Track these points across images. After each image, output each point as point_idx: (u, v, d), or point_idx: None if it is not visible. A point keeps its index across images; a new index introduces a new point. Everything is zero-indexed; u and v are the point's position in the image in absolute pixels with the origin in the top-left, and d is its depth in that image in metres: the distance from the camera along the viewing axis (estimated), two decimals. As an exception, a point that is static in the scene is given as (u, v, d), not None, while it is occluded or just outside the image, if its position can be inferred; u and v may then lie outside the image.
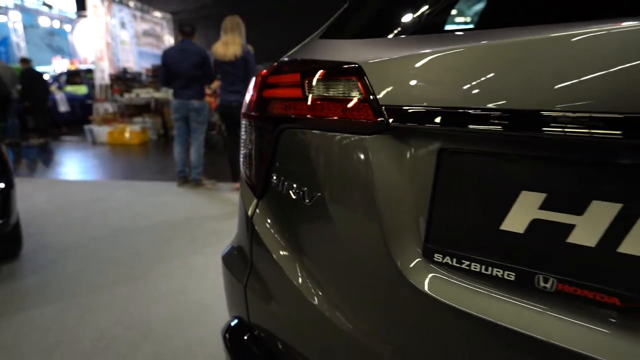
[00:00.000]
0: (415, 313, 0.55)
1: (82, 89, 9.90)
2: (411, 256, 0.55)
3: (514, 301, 0.47)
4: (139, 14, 10.41)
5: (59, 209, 3.49)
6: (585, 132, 0.40)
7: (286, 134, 0.71)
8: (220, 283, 0.99)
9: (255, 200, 0.83)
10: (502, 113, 0.45)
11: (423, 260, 0.55)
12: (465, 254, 0.51)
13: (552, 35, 0.43)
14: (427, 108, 0.51)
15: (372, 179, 0.57)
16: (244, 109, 0.84)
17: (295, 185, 0.70)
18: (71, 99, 9.30)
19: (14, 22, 10.58)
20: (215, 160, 5.24)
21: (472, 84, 0.48)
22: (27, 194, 3.71)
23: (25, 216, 2.78)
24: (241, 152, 0.89)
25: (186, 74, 3.82)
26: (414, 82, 0.53)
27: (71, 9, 12.31)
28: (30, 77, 7.29)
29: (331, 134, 0.62)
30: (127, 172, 5.28)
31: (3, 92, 6.42)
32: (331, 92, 0.62)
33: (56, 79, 10.11)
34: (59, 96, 8.89)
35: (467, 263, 0.51)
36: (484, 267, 0.50)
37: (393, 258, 0.55)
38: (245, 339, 0.87)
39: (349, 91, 0.59)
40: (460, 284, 0.52)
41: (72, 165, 5.88)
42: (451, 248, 0.52)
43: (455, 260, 0.52)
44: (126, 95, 8.07)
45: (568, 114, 0.40)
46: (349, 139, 0.60)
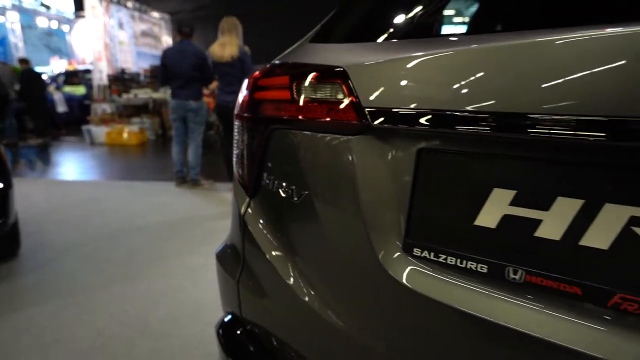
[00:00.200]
0: (395, 304, 0.58)
1: (80, 90, 9.90)
2: (392, 250, 0.58)
3: (486, 292, 0.50)
4: (137, 14, 10.43)
5: (57, 209, 3.51)
6: (551, 133, 0.42)
7: (276, 134, 0.74)
8: (217, 282, 1.01)
9: (247, 199, 0.86)
10: (475, 115, 0.48)
11: (403, 255, 0.58)
12: (442, 248, 0.54)
13: (513, 42, 0.46)
14: (407, 110, 0.54)
15: (355, 177, 0.60)
16: (236, 110, 0.87)
17: (284, 184, 0.73)
18: (69, 99, 9.29)
19: (11, 22, 10.60)
20: (213, 160, 5.26)
21: (450, 87, 0.50)
22: (25, 194, 3.72)
23: (24, 216, 2.80)
24: (234, 152, 0.91)
25: (184, 74, 3.85)
26: (395, 85, 0.56)
27: (69, 9, 12.32)
28: (30, 78, 7.29)
29: (318, 134, 0.65)
30: (125, 172, 5.30)
31: (1, 92, 6.43)
32: (318, 95, 0.65)
33: (54, 79, 10.11)
34: (57, 96, 8.89)
35: (444, 257, 0.54)
36: (459, 261, 0.53)
37: (375, 252, 0.58)
38: (238, 333, 0.90)
39: (335, 93, 0.62)
40: (437, 276, 0.54)
41: (70, 165, 5.90)
42: (429, 243, 0.55)
43: (433, 254, 0.55)
44: (124, 96, 8.08)
45: (536, 116, 0.43)
46: (334, 139, 0.63)
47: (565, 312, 0.45)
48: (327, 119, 0.63)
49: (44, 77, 8.63)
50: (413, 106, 0.53)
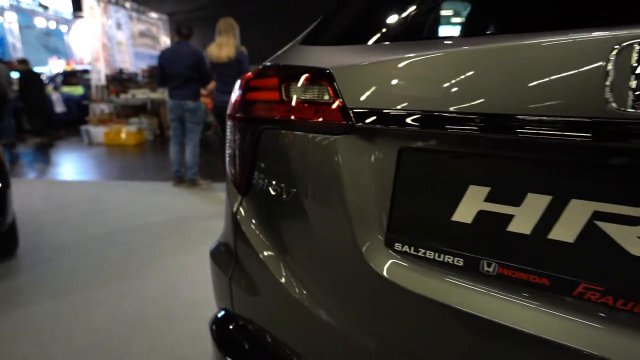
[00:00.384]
0: (378, 297, 0.60)
1: (78, 90, 9.90)
2: (375, 245, 0.61)
3: (462, 284, 0.53)
4: (135, 15, 10.44)
5: (55, 209, 3.53)
6: (522, 133, 0.45)
7: (266, 134, 0.76)
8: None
9: (239, 197, 0.88)
10: (454, 116, 0.50)
11: (385, 249, 0.60)
12: (422, 243, 0.57)
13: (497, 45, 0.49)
14: (390, 111, 0.56)
15: (340, 175, 0.62)
16: (229, 110, 0.89)
17: (274, 182, 0.75)
18: (67, 99, 9.29)
19: (9, 22, 10.58)
20: (211, 160, 5.28)
21: (430, 89, 0.53)
22: (23, 194, 3.74)
23: (22, 215, 2.82)
24: (226, 152, 0.93)
25: (181, 74, 3.87)
26: (379, 87, 0.58)
27: (67, 9, 12.30)
28: (29, 78, 7.30)
29: (305, 134, 0.68)
30: (123, 172, 5.31)
31: (0, 92, 6.43)
32: (305, 96, 0.67)
33: (52, 79, 10.11)
34: (55, 97, 8.89)
35: (423, 251, 0.56)
36: (437, 255, 0.55)
37: (359, 247, 0.61)
38: (230, 329, 0.92)
39: (321, 95, 0.65)
40: (416, 270, 0.57)
41: (69, 165, 5.91)
42: (410, 237, 0.58)
43: (413, 248, 0.57)
44: (122, 96, 8.08)
45: (514, 116, 0.45)
46: (320, 138, 0.65)
47: (534, 302, 0.48)
48: (314, 119, 0.65)
49: (42, 77, 8.63)
50: (396, 107, 0.56)
